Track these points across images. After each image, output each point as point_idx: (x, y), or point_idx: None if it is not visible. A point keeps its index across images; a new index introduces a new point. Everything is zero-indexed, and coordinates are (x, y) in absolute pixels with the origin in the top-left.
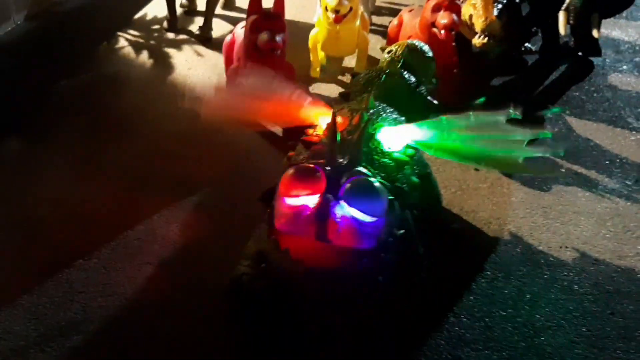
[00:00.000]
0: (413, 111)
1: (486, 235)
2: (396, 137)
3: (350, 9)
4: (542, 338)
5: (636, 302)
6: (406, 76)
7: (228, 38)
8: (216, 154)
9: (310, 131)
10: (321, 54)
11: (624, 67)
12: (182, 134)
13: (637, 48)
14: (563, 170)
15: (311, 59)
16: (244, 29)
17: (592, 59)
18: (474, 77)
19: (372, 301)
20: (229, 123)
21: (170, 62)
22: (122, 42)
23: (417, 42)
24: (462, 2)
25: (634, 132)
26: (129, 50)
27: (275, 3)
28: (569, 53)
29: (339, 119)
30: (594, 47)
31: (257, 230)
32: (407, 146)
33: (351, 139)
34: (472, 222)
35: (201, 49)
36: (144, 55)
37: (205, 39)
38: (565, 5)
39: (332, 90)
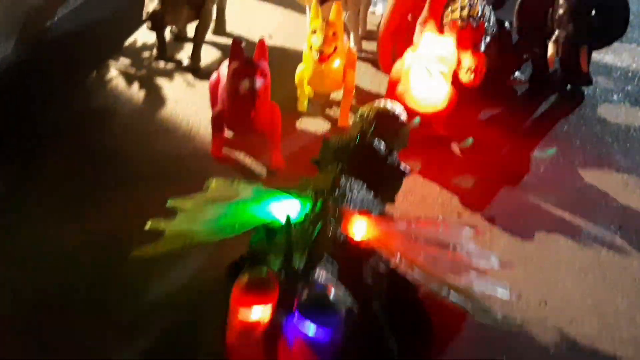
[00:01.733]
0: (384, 181)
1: None
2: (362, 227)
3: (335, 48)
4: None
5: None
6: (376, 145)
7: (213, 77)
8: None
9: None
10: (308, 88)
11: (615, 96)
12: (165, 175)
13: (629, 75)
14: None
15: (298, 93)
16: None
17: (582, 88)
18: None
19: None
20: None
21: (158, 94)
22: (111, 72)
23: (389, 105)
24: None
25: (620, 171)
26: (117, 81)
27: (257, 48)
28: (558, 84)
29: (297, 206)
30: (584, 78)
31: None
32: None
33: (310, 235)
34: None
35: (190, 79)
36: (133, 87)
37: (194, 68)
38: (554, 37)
39: (319, 124)
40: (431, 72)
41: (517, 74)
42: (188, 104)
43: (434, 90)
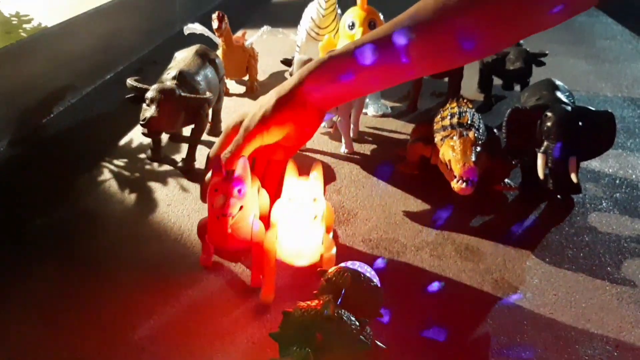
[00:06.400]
0: None
1: None
2: None
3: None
4: None
5: None
6: (347, 319)
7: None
8: (196, 315)
9: None
10: None
11: (604, 204)
12: (156, 287)
13: (617, 182)
14: None
15: None
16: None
17: (572, 196)
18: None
19: None
20: None
21: (151, 197)
22: (103, 173)
23: (360, 268)
24: (441, 140)
25: (614, 284)
26: (109, 184)
27: (238, 167)
28: (548, 192)
29: None
30: (574, 187)
31: None
32: None
33: None
34: None
35: (183, 181)
36: (125, 190)
37: (187, 170)
38: (543, 148)
39: None
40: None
41: (506, 180)
42: (180, 207)
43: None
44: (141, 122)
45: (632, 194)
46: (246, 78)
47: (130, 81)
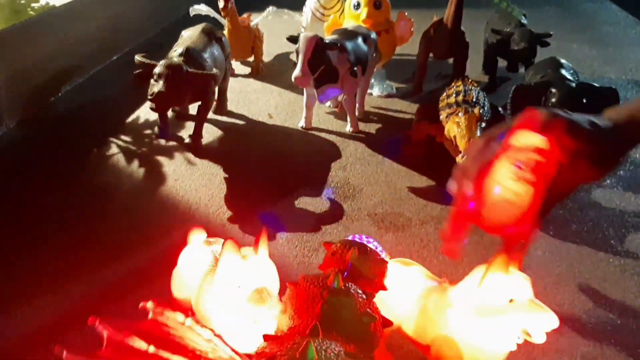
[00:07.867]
0: (363, 336)
1: None
2: None
3: None
4: None
5: None
6: (354, 292)
7: None
8: None
9: None
10: None
11: (608, 181)
12: (166, 258)
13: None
14: None
15: None
16: None
17: None
18: None
19: None
20: None
21: (159, 172)
22: (112, 149)
23: (365, 240)
24: (446, 117)
25: (617, 256)
26: (118, 159)
27: None
28: None
29: None
30: None
31: None
32: None
33: None
34: None
35: (191, 157)
36: (134, 165)
37: (194, 147)
38: None
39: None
40: None
41: None
42: (187, 182)
43: None
44: (149, 97)
45: (636, 171)
46: (251, 59)
47: (138, 57)
